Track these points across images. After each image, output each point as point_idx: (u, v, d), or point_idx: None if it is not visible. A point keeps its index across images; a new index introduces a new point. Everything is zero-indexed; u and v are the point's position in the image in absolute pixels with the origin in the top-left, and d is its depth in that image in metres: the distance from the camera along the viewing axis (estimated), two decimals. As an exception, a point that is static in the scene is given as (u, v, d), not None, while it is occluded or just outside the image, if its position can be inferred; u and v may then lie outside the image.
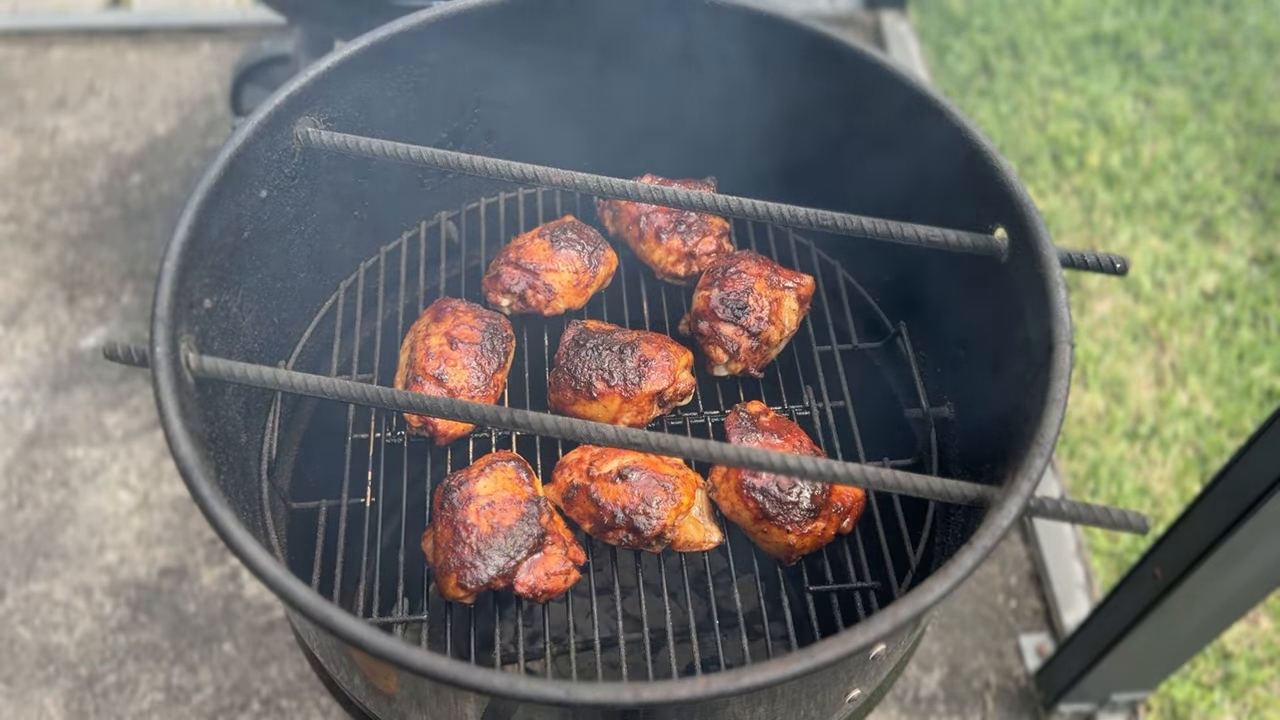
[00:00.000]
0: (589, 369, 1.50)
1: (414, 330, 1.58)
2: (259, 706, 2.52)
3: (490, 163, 1.37)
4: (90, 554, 2.74)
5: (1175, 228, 3.55)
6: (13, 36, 4.11)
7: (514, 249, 1.66)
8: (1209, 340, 3.24)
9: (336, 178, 1.54)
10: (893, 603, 0.99)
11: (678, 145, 1.77)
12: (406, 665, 0.94)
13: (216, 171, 1.27)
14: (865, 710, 1.43)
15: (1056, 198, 3.64)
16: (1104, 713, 2.51)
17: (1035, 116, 3.88)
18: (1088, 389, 3.12)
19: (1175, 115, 3.90)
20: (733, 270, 1.60)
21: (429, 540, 1.39)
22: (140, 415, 3.01)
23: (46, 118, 3.83)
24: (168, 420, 1.08)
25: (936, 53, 4.15)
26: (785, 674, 0.93)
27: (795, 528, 1.38)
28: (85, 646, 2.59)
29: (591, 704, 0.93)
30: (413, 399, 1.15)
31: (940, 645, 2.65)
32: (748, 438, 1.45)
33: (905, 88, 1.45)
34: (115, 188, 3.61)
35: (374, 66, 1.49)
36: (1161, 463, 2.96)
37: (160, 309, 1.15)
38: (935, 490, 1.10)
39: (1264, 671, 2.59)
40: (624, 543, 1.39)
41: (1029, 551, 2.81)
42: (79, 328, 3.22)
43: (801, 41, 1.52)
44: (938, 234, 1.32)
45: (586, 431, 1.11)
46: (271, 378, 1.18)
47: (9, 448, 2.95)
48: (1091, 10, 4.29)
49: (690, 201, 1.34)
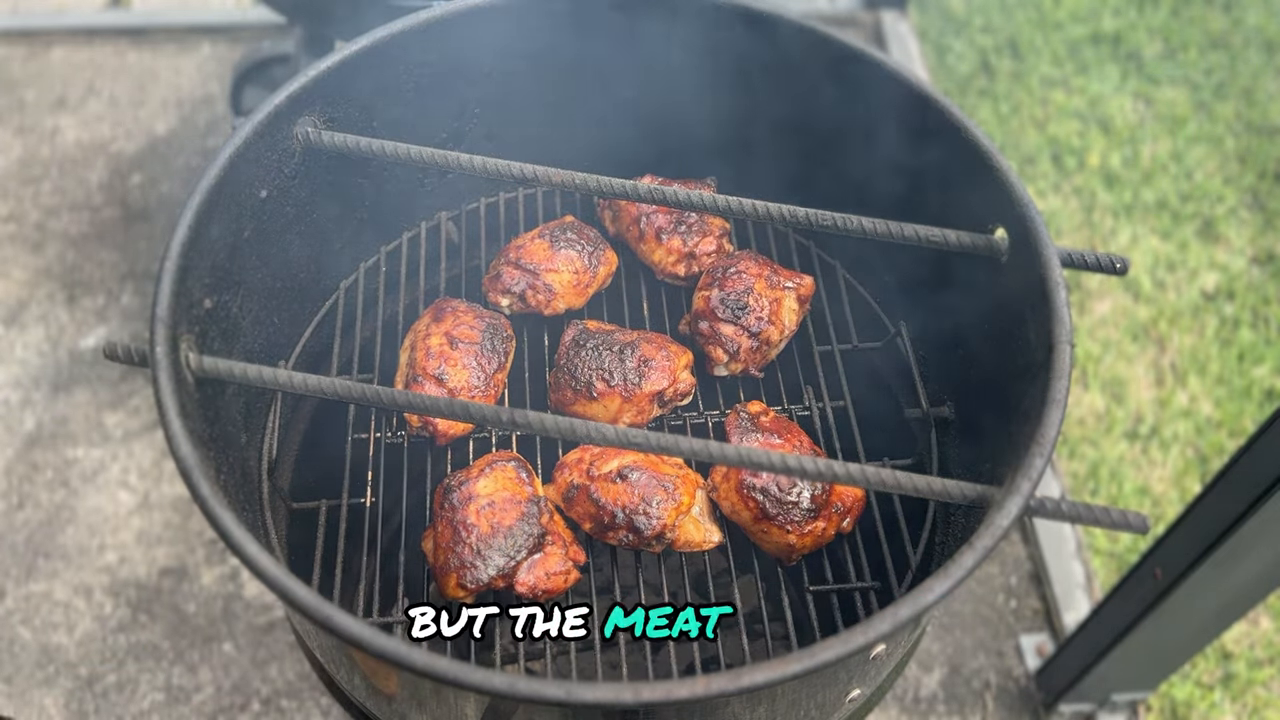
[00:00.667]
0: (589, 369, 1.50)
1: (414, 330, 1.58)
2: (259, 706, 2.52)
3: (490, 163, 1.37)
4: (90, 554, 2.74)
5: (1175, 228, 3.55)
6: (13, 36, 4.11)
7: (514, 249, 1.66)
8: (1209, 340, 3.24)
9: (336, 178, 1.54)
10: (893, 603, 0.99)
11: (678, 145, 1.77)
12: (406, 665, 0.94)
13: (216, 171, 1.27)
14: (865, 710, 1.43)
15: (1056, 198, 3.64)
16: (1104, 713, 2.51)
17: (1035, 116, 3.88)
18: (1088, 389, 3.12)
19: (1175, 115, 3.90)
20: (733, 270, 1.60)
21: (429, 540, 1.39)
22: (140, 415, 3.01)
23: (46, 118, 3.83)
24: (168, 420, 1.08)
25: (936, 53, 4.15)
26: (785, 674, 0.93)
27: (795, 528, 1.38)
28: (85, 646, 2.59)
29: (591, 704, 0.93)
30: (413, 399, 1.15)
31: (940, 645, 2.65)
32: (748, 438, 1.45)
33: (905, 88, 1.45)
34: (115, 188, 3.61)
35: (374, 66, 1.49)
36: (1161, 463, 2.96)
37: (160, 309, 1.15)
38: (935, 490, 1.10)
39: (1264, 671, 2.59)
40: (624, 543, 1.39)
41: (1029, 551, 2.81)
42: (79, 328, 3.22)
43: (802, 41, 1.52)
44: (938, 234, 1.32)
45: (586, 431, 1.11)
46: (271, 378, 1.18)
47: (9, 448, 2.95)
48: (1091, 10, 4.29)
49: (690, 201, 1.34)
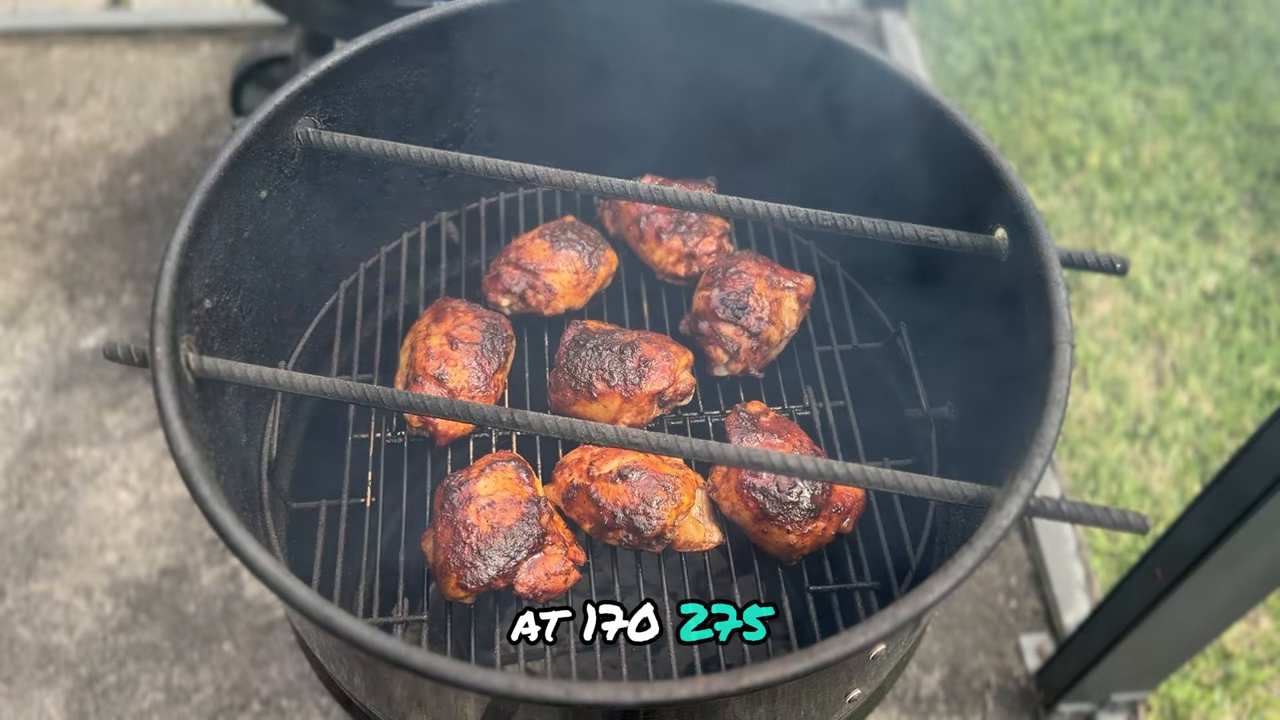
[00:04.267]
0: (589, 369, 1.50)
1: (414, 330, 1.58)
2: (259, 706, 2.52)
3: (490, 163, 1.37)
4: (90, 554, 2.74)
5: (1175, 228, 3.55)
6: (13, 36, 4.11)
7: (514, 249, 1.66)
8: (1209, 340, 3.24)
9: (336, 178, 1.54)
10: (893, 603, 0.98)
11: (678, 145, 1.77)
12: (406, 665, 0.94)
13: (216, 171, 1.27)
14: (865, 710, 1.43)
15: (1056, 198, 3.64)
16: (1104, 713, 2.51)
17: (1035, 116, 3.88)
18: (1088, 389, 3.12)
19: (1175, 115, 3.90)
20: (733, 270, 1.60)
21: (429, 540, 1.39)
22: (140, 415, 3.01)
23: (46, 118, 3.83)
24: (168, 420, 1.08)
25: (936, 53, 4.15)
26: (785, 674, 0.93)
27: (795, 528, 1.38)
28: (85, 646, 2.59)
29: (591, 704, 0.93)
30: (413, 399, 1.15)
31: (940, 645, 2.65)
32: (748, 438, 1.45)
33: (905, 87, 1.45)
34: (115, 188, 3.61)
35: (374, 66, 1.49)
36: (1161, 463, 2.96)
37: (160, 309, 1.15)
38: (935, 490, 1.10)
39: (1264, 671, 2.59)
40: (624, 543, 1.39)
41: (1029, 551, 2.81)
42: (79, 328, 3.22)
43: (802, 41, 1.52)
44: (938, 234, 1.32)
45: (586, 431, 1.11)
46: (271, 378, 1.18)
47: (9, 448, 2.95)
48: (1091, 10, 4.29)
49: (690, 201, 1.34)
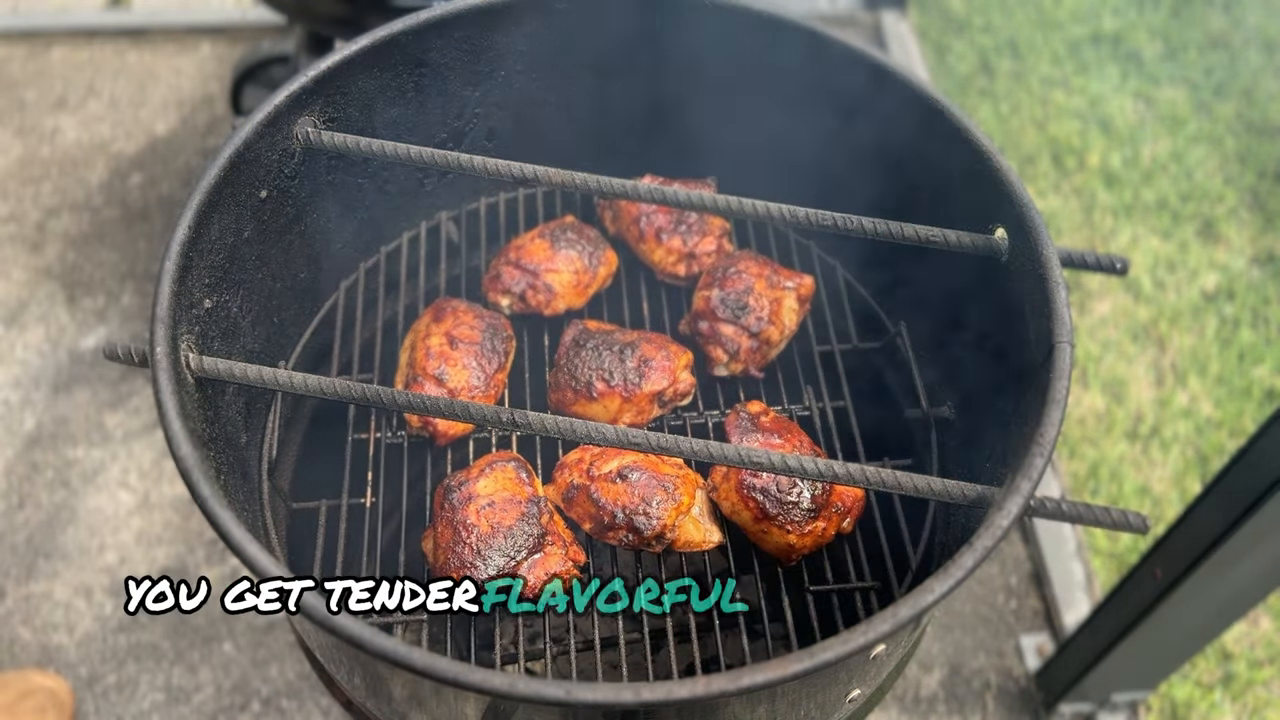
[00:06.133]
0: (589, 369, 1.50)
1: (414, 330, 1.58)
2: (259, 706, 2.52)
3: (490, 163, 1.37)
4: (90, 554, 2.74)
5: (1175, 228, 3.54)
6: (13, 36, 4.11)
7: (514, 249, 1.66)
8: (1209, 340, 3.24)
9: (336, 178, 1.54)
10: (893, 603, 0.98)
11: (678, 145, 1.77)
12: (406, 665, 0.94)
13: (216, 171, 1.27)
14: (865, 710, 1.43)
15: (1056, 198, 3.64)
16: (1104, 713, 2.51)
17: (1035, 116, 3.88)
18: (1088, 389, 3.12)
19: (1175, 115, 3.90)
20: (733, 270, 1.60)
21: (429, 540, 1.39)
22: (140, 415, 3.01)
23: (46, 118, 3.83)
24: (168, 420, 1.08)
25: (936, 53, 4.15)
26: (785, 674, 0.93)
27: (795, 528, 1.37)
28: (85, 646, 2.59)
29: (591, 704, 0.92)
30: (413, 399, 1.15)
31: (940, 645, 2.65)
32: (748, 438, 1.45)
33: (905, 87, 1.44)
34: (115, 188, 3.60)
35: (374, 66, 1.49)
36: (1161, 463, 2.96)
37: (160, 309, 1.15)
38: (935, 490, 1.10)
39: (1264, 671, 2.59)
40: (624, 543, 1.39)
41: (1029, 551, 2.81)
42: (79, 328, 3.22)
43: (802, 41, 1.52)
44: (938, 234, 1.32)
45: (586, 431, 1.11)
46: (271, 378, 1.18)
47: (9, 448, 2.95)
48: (1091, 10, 4.29)
49: (690, 201, 1.34)
